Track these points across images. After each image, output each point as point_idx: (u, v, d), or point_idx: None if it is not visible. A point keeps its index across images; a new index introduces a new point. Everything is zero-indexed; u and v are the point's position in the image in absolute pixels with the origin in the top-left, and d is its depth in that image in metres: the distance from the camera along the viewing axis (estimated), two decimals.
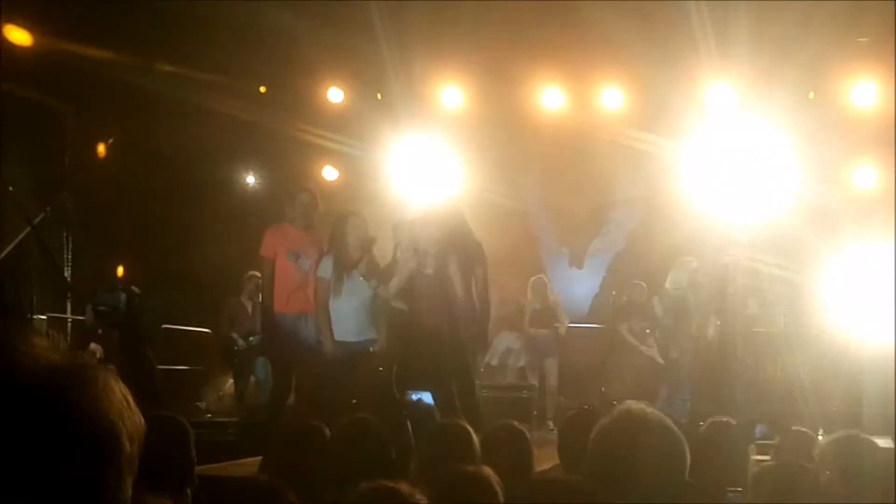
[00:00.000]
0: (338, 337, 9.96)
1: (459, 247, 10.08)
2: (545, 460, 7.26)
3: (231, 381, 14.39)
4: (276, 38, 14.16)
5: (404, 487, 3.55)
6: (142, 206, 14.31)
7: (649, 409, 3.52)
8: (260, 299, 11.57)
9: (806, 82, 14.32)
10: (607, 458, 3.35)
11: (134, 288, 4.83)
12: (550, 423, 13.48)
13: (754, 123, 14.52)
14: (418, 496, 3.55)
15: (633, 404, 3.59)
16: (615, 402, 3.98)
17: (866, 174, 14.44)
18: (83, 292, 12.22)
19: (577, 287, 17.23)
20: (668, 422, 3.50)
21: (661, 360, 14.10)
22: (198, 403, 14.30)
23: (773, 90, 14.18)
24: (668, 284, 13.33)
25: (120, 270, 13.26)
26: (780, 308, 13.91)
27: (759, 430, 12.39)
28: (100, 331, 11.20)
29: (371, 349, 10.09)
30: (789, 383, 13.20)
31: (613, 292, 14.87)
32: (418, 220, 10.04)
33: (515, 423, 6.06)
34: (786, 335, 13.85)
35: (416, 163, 15.79)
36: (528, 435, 5.85)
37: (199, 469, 4.76)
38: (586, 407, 8.58)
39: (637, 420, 3.44)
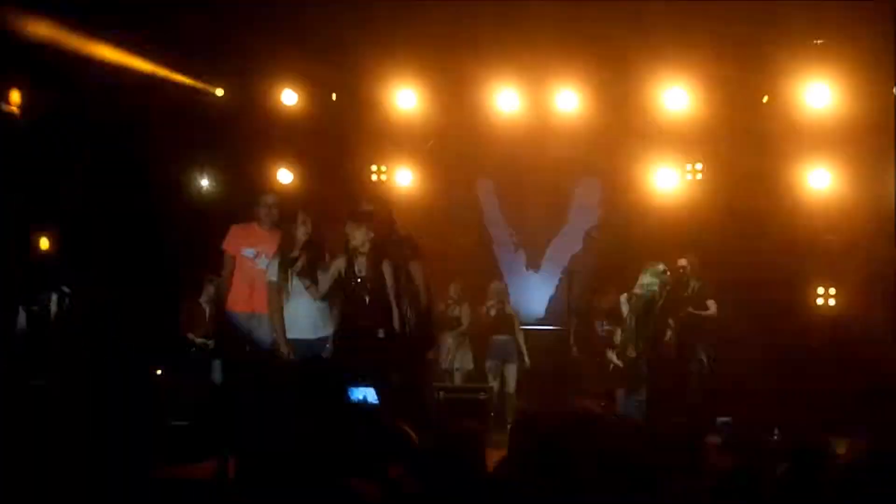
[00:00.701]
0: (294, 335, 10.00)
1: (391, 246, 10.14)
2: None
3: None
4: (232, 41, 14.13)
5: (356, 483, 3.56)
6: (94, 203, 14.15)
7: (599, 409, 3.54)
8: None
9: (760, 85, 14.41)
10: (556, 457, 3.37)
11: (64, 288, 4.80)
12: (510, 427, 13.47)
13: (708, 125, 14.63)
14: (370, 489, 3.57)
15: (584, 404, 3.61)
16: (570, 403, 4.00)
17: (821, 176, 14.51)
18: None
19: (534, 289, 17.27)
20: (619, 422, 3.52)
21: (619, 362, 14.14)
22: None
23: (728, 93, 14.29)
24: (636, 289, 13.38)
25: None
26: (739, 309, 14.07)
27: (720, 422, 12.51)
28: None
29: (328, 346, 10.10)
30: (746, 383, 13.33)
31: (595, 298, 14.83)
32: (349, 221, 10.06)
33: (468, 424, 6.08)
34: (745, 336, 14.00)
35: (371, 163, 15.87)
36: (481, 436, 5.86)
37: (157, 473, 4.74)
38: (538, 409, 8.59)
39: (587, 420, 3.46)
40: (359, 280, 9.93)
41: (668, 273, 13.22)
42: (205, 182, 16.16)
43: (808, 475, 4.99)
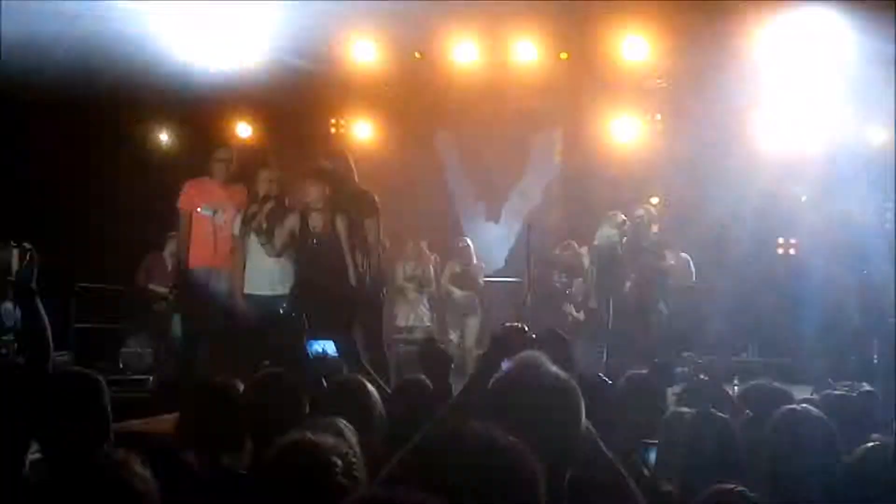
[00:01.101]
0: (250, 291, 10.05)
1: (347, 201, 10.15)
2: None
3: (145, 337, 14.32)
4: None
5: (326, 439, 3.57)
6: (53, 160, 14.07)
7: (543, 359, 3.56)
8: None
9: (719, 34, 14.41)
10: (501, 406, 3.39)
11: (25, 244, 4.76)
12: None
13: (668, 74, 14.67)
14: (343, 447, 3.58)
15: (528, 354, 3.64)
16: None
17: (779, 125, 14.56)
18: None
19: (494, 241, 17.30)
20: (562, 373, 3.53)
21: (578, 315, 14.22)
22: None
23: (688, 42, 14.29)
24: (596, 240, 13.44)
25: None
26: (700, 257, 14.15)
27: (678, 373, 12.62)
28: None
29: (285, 304, 10.13)
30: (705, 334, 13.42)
31: (556, 250, 14.86)
32: (306, 178, 10.06)
33: (424, 378, 6.15)
34: (700, 288, 14.07)
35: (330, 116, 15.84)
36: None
37: (115, 426, 4.74)
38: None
39: (530, 369, 3.48)
40: (314, 237, 9.93)
41: (627, 223, 13.29)
42: (164, 136, 16.09)
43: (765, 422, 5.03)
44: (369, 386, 5.52)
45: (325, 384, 5.97)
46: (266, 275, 10.19)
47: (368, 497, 2.08)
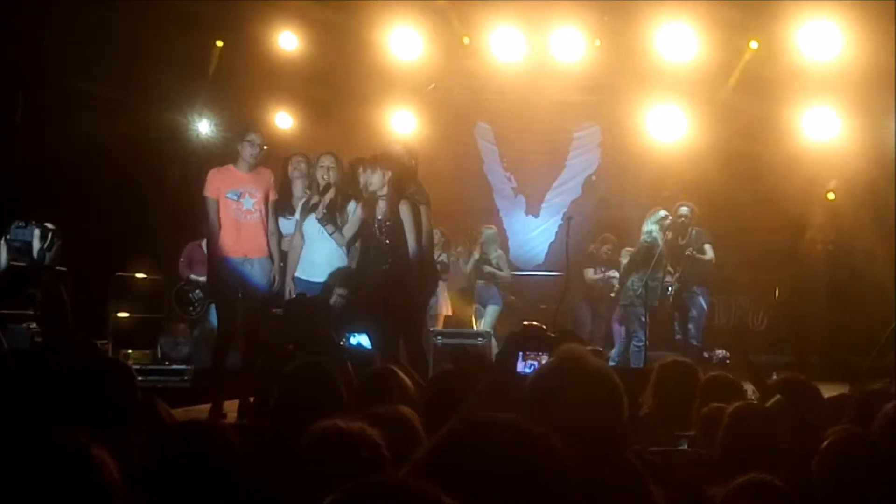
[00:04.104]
0: (308, 277, 10.10)
1: (409, 189, 10.15)
2: None
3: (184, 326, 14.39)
4: None
5: (355, 426, 3.57)
6: (92, 150, 14.14)
7: (587, 351, 3.54)
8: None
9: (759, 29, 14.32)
10: (542, 398, 3.37)
11: (48, 224, 4.76)
12: None
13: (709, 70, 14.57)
14: (369, 431, 3.58)
15: (572, 346, 3.61)
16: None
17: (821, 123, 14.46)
18: None
19: (533, 235, 17.28)
20: (604, 365, 3.52)
21: (617, 310, 14.18)
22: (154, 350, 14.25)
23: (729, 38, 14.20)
24: (643, 235, 13.41)
25: None
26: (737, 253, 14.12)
27: (720, 354, 12.57)
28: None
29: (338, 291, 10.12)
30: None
31: (591, 246, 14.84)
32: (367, 164, 10.03)
33: (461, 369, 6.11)
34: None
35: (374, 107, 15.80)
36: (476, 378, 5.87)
37: None
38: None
39: (574, 361, 3.46)
40: (378, 223, 9.90)
41: (670, 220, 13.24)
42: (204, 127, 16.11)
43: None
44: (402, 375, 5.51)
45: (352, 372, 5.99)
46: (320, 262, 10.18)
47: (374, 484, 2.06)
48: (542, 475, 2.54)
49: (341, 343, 8.66)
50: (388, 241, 9.80)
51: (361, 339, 8.53)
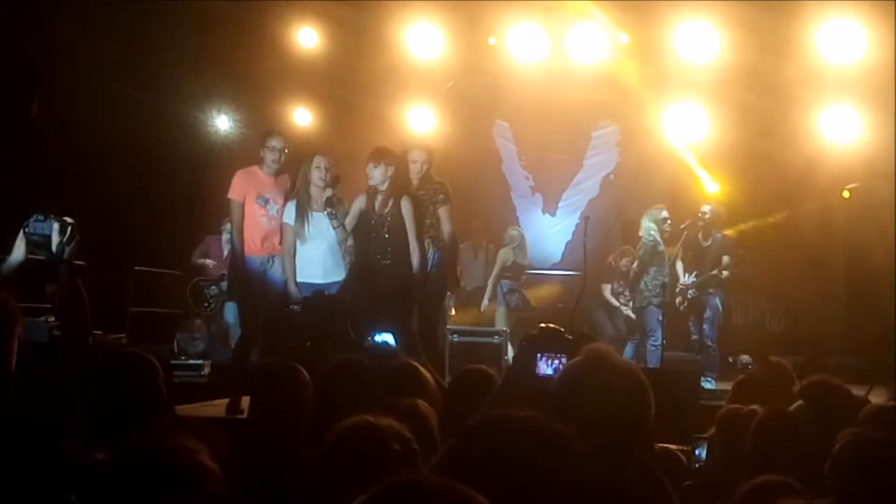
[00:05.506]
0: (305, 279, 10.02)
1: (417, 186, 10.15)
2: None
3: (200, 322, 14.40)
4: None
5: (383, 420, 3.58)
6: (112, 145, 14.16)
7: (612, 351, 3.54)
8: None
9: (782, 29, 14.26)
10: (571, 396, 3.37)
11: (67, 218, 4.80)
12: None
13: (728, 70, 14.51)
14: (397, 426, 3.58)
15: (597, 346, 3.61)
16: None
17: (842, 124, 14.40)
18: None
19: (551, 234, 17.25)
20: (634, 365, 3.53)
21: (632, 314, 14.12)
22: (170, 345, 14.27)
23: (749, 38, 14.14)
24: (641, 232, 13.38)
25: None
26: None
27: (743, 360, 12.54)
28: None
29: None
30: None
31: (609, 257, 14.79)
32: (370, 158, 10.01)
33: (484, 367, 6.09)
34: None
35: (392, 105, 15.78)
36: (497, 379, 5.85)
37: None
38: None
39: (603, 360, 3.46)
40: (377, 217, 9.89)
41: (669, 219, 13.22)
42: (223, 123, 16.12)
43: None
44: (423, 371, 5.51)
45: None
46: (319, 262, 10.16)
47: (398, 483, 2.05)
48: (559, 473, 2.54)
49: (366, 341, 8.70)
50: (387, 235, 9.82)
51: (387, 338, 8.57)
